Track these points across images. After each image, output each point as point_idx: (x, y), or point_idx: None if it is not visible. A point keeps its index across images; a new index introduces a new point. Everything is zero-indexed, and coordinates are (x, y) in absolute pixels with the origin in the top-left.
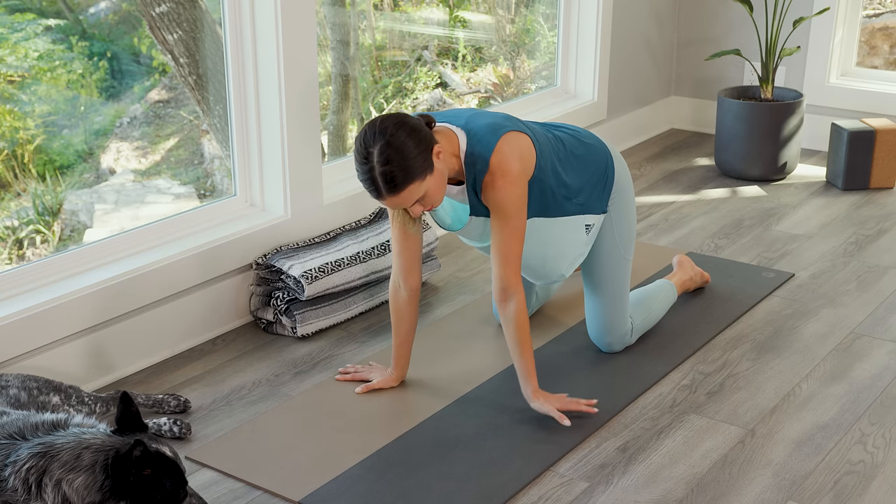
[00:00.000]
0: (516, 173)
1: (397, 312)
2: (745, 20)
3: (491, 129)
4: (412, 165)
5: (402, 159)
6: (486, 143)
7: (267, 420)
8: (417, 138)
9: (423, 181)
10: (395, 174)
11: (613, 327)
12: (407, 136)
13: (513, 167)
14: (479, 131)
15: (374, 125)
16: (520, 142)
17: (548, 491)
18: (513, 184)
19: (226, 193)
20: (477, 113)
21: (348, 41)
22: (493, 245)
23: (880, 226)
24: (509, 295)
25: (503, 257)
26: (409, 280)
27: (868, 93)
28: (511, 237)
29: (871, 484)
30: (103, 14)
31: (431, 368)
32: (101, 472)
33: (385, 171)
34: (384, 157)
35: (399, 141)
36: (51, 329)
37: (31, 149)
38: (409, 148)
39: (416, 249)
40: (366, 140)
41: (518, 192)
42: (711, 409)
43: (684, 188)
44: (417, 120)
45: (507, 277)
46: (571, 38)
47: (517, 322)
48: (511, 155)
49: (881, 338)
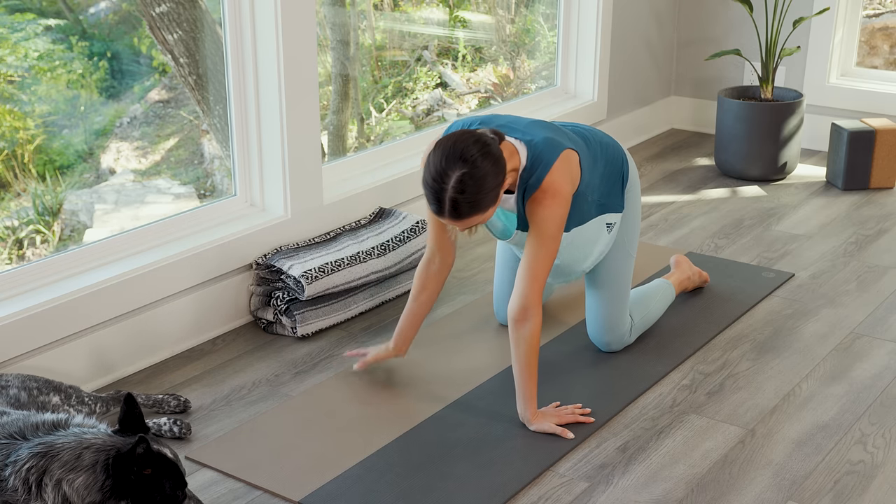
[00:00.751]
0: (566, 195)
1: (420, 282)
2: (745, 20)
3: (551, 145)
4: (483, 200)
5: (477, 193)
6: (546, 160)
7: (267, 420)
8: (496, 171)
9: (486, 214)
10: (465, 206)
11: (613, 326)
12: (488, 171)
13: (564, 189)
14: (539, 146)
15: (461, 146)
16: (571, 161)
17: (548, 491)
18: (560, 206)
19: (226, 193)
20: (532, 123)
21: (348, 41)
22: (525, 261)
23: (880, 226)
24: (529, 315)
25: (531, 276)
26: (443, 254)
27: (868, 93)
28: (545, 258)
29: (871, 484)
30: (103, 14)
31: (432, 368)
32: (101, 472)
33: (456, 199)
34: (460, 186)
35: (481, 174)
36: (51, 329)
37: (31, 149)
38: (487, 184)
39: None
40: (448, 159)
41: (563, 213)
42: (711, 409)
43: (684, 188)
44: (497, 147)
45: (530, 297)
46: (571, 38)
47: (530, 343)
48: (564, 176)
49: (881, 338)
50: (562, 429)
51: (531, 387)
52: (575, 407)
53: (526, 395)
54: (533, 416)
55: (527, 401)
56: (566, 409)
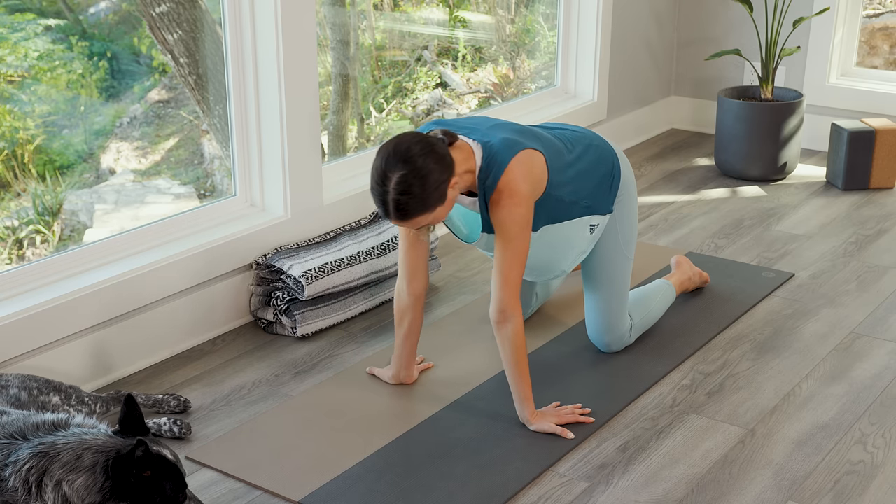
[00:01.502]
0: (524, 195)
1: (399, 314)
2: (745, 20)
3: (507, 146)
4: (427, 198)
5: (420, 191)
6: (501, 160)
7: (267, 420)
8: (440, 169)
9: (433, 213)
10: (408, 206)
11: (612, 327)
12: (431, 168)
13: (521, 188)
14: (495, 146)
15: (400, 148)
16: (533, 162)
17: (548, 491)
18: (519, 205)
19: (226, 193)
20: (496, 125)
21: (348, 41)
22: (496, 265)
23: (880, 226)
24: (507, 317)
25: (504, 279)
26: (413, 283)
27: (868, 93)
28: (513, 259)
29: (871, 484)
30: (103, 14)
31: (431, 368)
32: (101, 473)
33: (399, 200)
34: (402, 186)
35: (422, 173)
36: (51, 329)
37: (31, 149)
38: (429, 182)
39: (423, 254)
40: (388, 161)
41: (523, 213)
42: (711, 409)
43: (684, 188)
44: (441, 144)
45: (506, 299)
46: (571, 38)
47: (514, 343)
48: (521, 175)
49: (881, 338)
50: (562, 429)
51: (525, 387)
52: (575, 407)
53: (521, 395)
54: (532, 416)
55: (523, 401)
56: (566, 408)
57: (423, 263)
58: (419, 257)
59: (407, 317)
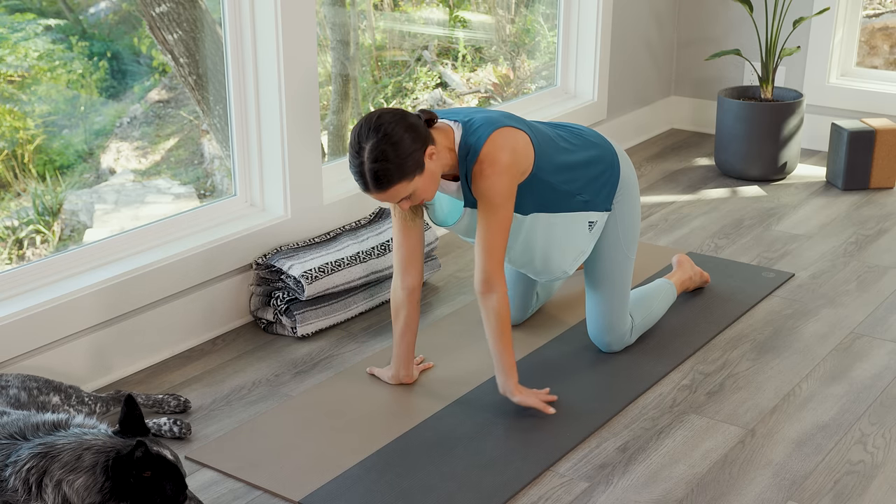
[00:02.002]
0: (505, 164)
1: (394, 310)
2: (745, 20)
3: (487, 122)
4: (402, 165)
5: (394, 157)
6: (480, 134)
7: (267, 420)
8: (412, 137)
9: (412, 181)
10: (384, 173)
11: (613, 327)
12: (402, 135)
13: (502, 157)
14: (475, 123)
15: (371, 119)
16: (515, 137)
17: (548, 491)
18: (500, 174)
19: (226, 193)
20: (479, 110)
21: (348, 41)
22: (478, 236)
23: (880, 226)
24: (492, 287)
25: (487, 249)
26: (407, 278)
27: (868, 93)
28: (496, 228)
29: (871, 484)
30: (103, 14)
31: (431, 368)
32: (101, 474)
33: (374, 168)
34: (375, 153)
35: (393, 139)
36: (51, 329)
37: (31, 149)
38: (402, 148)
39: (416, 245)
40: (360, 133)
41: (505, 182)
42: (711, 409)
43: (684, 188)
44: (416, 117)
45: (490, 269)
46: (571, 38)
47: (499, 314)
48: (503, 147)
49: (881, 338)
50: (543, 405)
51: (509, 357)
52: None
53: (504, 366)
54: (515, 388)
55: (507, 371)
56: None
57: (417, 257)
58: (412, 252)
59: (402, 312)
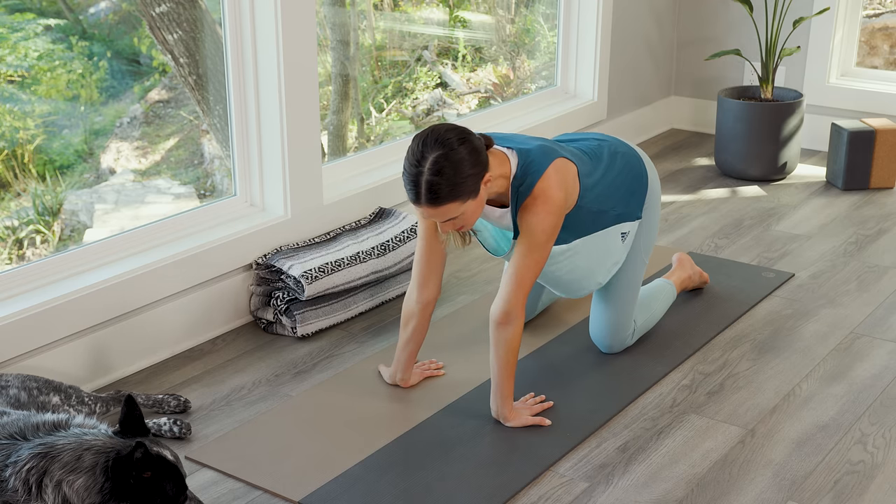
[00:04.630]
0: (558, 203)
1: (405, 319)
2: (745, 20)
3: (544, 153)
4: (461, 185)
5: (454, 175)
6: (538, 166)
7: (267, 420)
8: (475, 160)
9: (465, 203)
10: (442, 188)
11: (618, 331)
12: (465, 155)
13: (556, 196)
14: (531, 153)
15: (438, 131)
16: (567, 170)
17: (548, 491)
18: (551, 213)
19: (226, 193)
20: (531, 138)
21: (348, 41)
22: (513, 267)
23: (880, 226)
24: (511, 319)
25: (518, 282)
26: (424, 292)
27: (868, 93)
28: (533, 265)
29: (871, 484)
30: (103, 14)
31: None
32: (101, 474)
33: (433, 181)
34: (437, 167)
35: (458, 157)
36: (51, 329)
37: (31, 149)
38: (465, 168)
39: (438, 261)
40: (425, 143)
41: (554, 222)
42: (711, 409)
43: (684, 188)
44: (479, 141)
45: (514, 302)
46: (571, 38)
47: (510, 346)
48: (556, 183)
49: (881, 338)
50: (539, 418)
51: (509, 386)
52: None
53: (504, 393)
54: (510, 413)
55: (504, 398)
56: (527, 400)
57: (437, 273)
58: (434, 266)
59: (412, 323)
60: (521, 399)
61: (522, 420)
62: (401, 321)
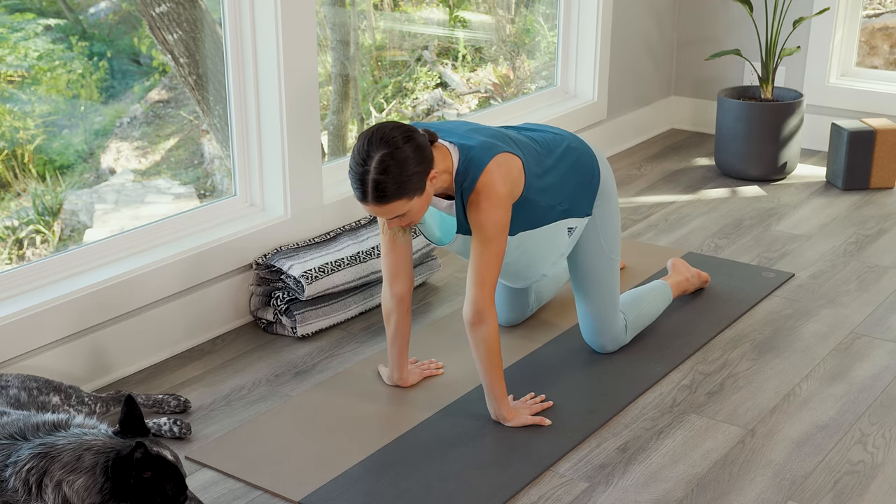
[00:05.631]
0: (502, 196)
1: (385, 316)
2: (745, 20)
3: (484, 148)
4: (406, 182)
5: (399, 174)
6: (478, 162)
7: (267, 420)
8: (420, 158)
9: (411, 200)
10: (388, 186)
11: (605, 328)
12: (411, 154)
13: (499, 190)
14: (473, 150)
15: (383, 130)
16: (510, 164)
17: (548, 491)
18: (497, 207)
19: (226, 193)
20: (473, 129)
21: (348, 41)
22: (471, 266)
23: (880, 226)
24: (482, 318)
25: (479, 280)
26: (395, 286)
27: (868, 93)
28: (490, 260)
29: (871, 484)
30: (103, 14)
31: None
32: (101, 474)
33: (379, 179)
34: (382, 166)
35: (402, 156)
36: (50, 329)
37: (31, 149)
38: (409, 166)
39: (404, 254)
40: (370, 142)
41: (501, 214)
42: (711, 409)
43: (684, 188)
44: (424, 137)
45: (481, 300)
46: (571, 38)
47: (489, 345)
48: (499, 178)
49: (881, 338)
50: (539, 418)
51: (500, 386)
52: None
53: (496, 394)
54: (508, 413)
55: (498, 400)
56: (527, 400)
57: (405, 266)
58: (400, 260)
59: (392, 318)
60: (520, 399)
61: (522, 420)
62: (384, 319)
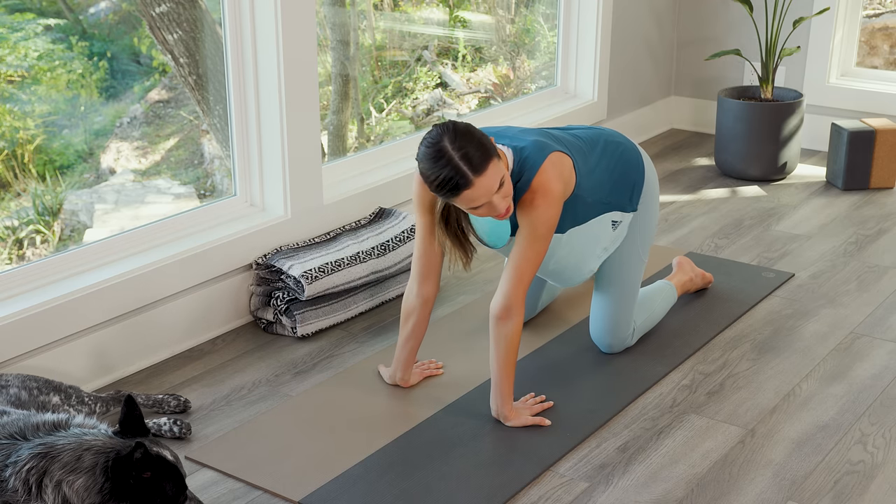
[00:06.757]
0: (557, 195)
1: (405, 315)
2: (745, 20)
3: (537, 148)
4: (483, 144)
5: (473, 139)
6: (534, 161)
7: (267, 420)
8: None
9: (499, 161)
10: (472, 153)
11: (618, 329)
12: (469, 126)
13: (554, 189)
14: (526, 150)
15: (436, 127)
16: (563, 163)
17: (548, 491)
18: (551, 206)
19: (226, 193)
20: (523, 130)
21: (348, 41)
22: (512, 261)
23: (880, 226)
24: (511, 314)
25: (518, 276)
26: (424, 287)
27: (868, 93)
28: (533, 258)
29: (871, 484)
30: (103, 14)
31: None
32: (101, 474)
33: (463, 153)
34: (457, 143)
35: (464, 127)
36: (50, 329)
37: (31, 149)
38: (475, 132)
39: (438, 256)
40: (434, 137)
41: (553, 214)
42: (711, 409)
43: (684, 188)
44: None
45: (514, 297)
46: (571, 38)
47: (510, 342)
48: (554, 177)
49: (881, 338)
50: (539, 418)
51: (509, 385)
52: (530, 396)
53: (504, 392)
54: (510, 413)
55: (504, 398)
56: (528, 400)
57: (437, 270)
58: (434, 262)
59: (412, 318)
60: (521, 399)
61: (522, 420)
62: (401, 318)
